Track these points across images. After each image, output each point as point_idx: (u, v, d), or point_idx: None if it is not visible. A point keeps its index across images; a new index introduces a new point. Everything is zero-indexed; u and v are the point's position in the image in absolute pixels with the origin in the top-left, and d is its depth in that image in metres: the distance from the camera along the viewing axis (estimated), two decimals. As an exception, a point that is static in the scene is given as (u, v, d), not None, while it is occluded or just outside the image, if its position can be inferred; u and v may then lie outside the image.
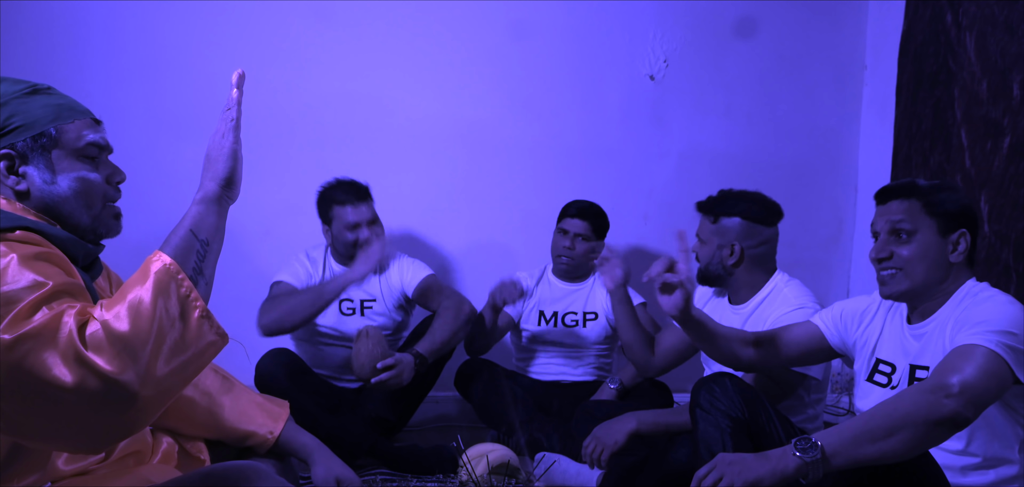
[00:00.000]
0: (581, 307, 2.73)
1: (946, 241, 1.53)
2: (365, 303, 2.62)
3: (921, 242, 1.53)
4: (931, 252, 1.53)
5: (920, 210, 1.54)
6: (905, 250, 1.54)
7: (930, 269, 1.53)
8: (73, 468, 1.22)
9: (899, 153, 2.97)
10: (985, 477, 1.49)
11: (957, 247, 1.53)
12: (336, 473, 1.63)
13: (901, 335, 1.62)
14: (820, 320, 1.77)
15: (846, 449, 1.32)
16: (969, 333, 1.39)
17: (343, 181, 2.58)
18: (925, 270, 1.53)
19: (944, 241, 1.53)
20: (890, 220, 1.57)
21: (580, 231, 2.66)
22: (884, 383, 1.62)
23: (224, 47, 2.87)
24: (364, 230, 2.51)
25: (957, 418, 1.30)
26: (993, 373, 1.34)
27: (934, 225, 1.53)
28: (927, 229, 1.53)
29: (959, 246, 1.53)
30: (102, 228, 1.19)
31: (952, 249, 1.53)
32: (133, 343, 0.93)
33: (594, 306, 2.72)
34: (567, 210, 2.69)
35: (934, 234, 1.53)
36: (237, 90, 1.13)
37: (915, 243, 1.54)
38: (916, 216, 1.54)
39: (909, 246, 1.54)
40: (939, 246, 1.53)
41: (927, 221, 1.53)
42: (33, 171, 1.12)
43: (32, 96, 1.14)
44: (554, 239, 2.72)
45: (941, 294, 1.55)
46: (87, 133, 1.17)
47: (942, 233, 1.53)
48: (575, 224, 2.66)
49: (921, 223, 1.54)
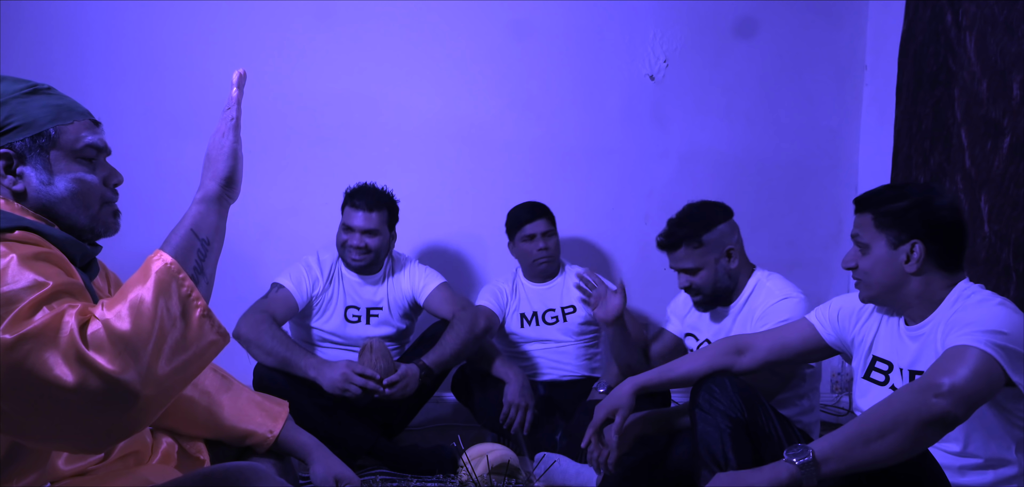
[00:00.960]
0: (558, 303, 2.74)
1: (897, 252, 1.55)
2: (371, 311, 2.61)
3: (874, 255, 1.57)
4: (882, 264, 1.56)
5: (870, 224, 1.58)
6: (863, 262, 1.59)
7: (886, 279, 1.56)
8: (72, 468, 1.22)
9: (899, 153, 2.97)
10: (984, 477, 1.49)
11: (911, 257, 1.54)
12: (335, 472, 1.63)
13: (899, 336, 1.62)
14: (815, 318, 1.77)
15: (839, 454, 1.32)
16: (960, 334, 1.40)
17: (359, 186, 2.56)
18: (880, 281, 1.57)
19: (894, 252, 1.55)
20: (853, 232, 1.62)
21: (545, 229, 2.70)
22: (881, 381, 1.63)
23: (224, 47, 2.87)
24: (356, 237, 2.50)
25: (947, 417, 1.31)
26: (984, 373, 1.34)
27: (884, 238, 1.56)
28: (878, 242, 1.57)
29: (913, 256, 1.53)
30: (100, 227, 1.19)
31: (905, 260, 1.54)
32: (134, 342, 0.93)
33: (570, 299, 2.73)
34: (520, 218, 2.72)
35: (885, 247, 1.56)
36: (237, 89, 1.13)
37: (869, 256, 1.58)
38: (867, 229, 1.59)
39: (865, 258, 1.59)
40: (890, 257, 1.55)
41: (877, 234, 1.57)
42: (30, 171, 1.12)
43: (32, 96, 1.14)
44: (521, 249, 2.73)
45: (927, 299, 1.55)
46: (86, 135, 1.16)
47: (892, 245, 1.55)
48: (539, 225, 2.70)
49: (872, 236, 1.58)
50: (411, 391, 2.32)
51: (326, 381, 2.25)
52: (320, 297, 2.55)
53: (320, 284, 2.55)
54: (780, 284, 2.13)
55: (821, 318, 1.76)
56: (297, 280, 2.51)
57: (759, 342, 1.79)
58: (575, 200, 3.07)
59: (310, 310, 2.57)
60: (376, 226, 2.51)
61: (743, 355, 1.78)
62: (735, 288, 2.18)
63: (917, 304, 1.57)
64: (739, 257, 2.17)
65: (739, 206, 3.10)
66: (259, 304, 2.43)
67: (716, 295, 2.17)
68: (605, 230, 3.19)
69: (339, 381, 2.24)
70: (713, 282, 2.15)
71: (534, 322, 2.74)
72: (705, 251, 2.14)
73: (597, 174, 3.16)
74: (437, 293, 2.59)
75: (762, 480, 1.32)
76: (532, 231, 2.69)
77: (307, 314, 2.58)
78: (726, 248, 2.15)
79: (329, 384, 2.25)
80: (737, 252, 2.17)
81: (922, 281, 1.55)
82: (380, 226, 2.52)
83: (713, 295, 2.17)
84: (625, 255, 3.22)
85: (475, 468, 2.10)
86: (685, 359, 1.82)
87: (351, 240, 2.50)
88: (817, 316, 1.77)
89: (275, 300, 2.45)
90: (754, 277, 2.19)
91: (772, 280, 2.16)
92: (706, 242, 2.14)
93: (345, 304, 2.58)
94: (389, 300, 2.62)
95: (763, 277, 2.18)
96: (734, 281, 2.18)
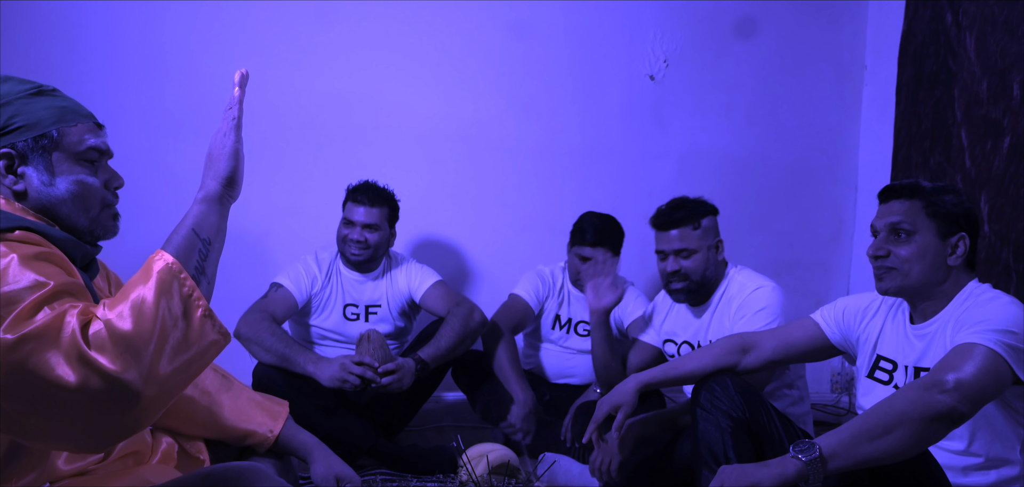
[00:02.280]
0: None
1: (945, 243, 1.54)
2: (370, 308, 2.61)
3: (920, 243, 1.54)
4: (929, 253, 1.54)
5: (921, 211, 1.55)
6: (903, 250, 1.56)
7: (927, 270, 1.54)
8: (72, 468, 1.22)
9: (899, 153, 2.97)
10: (986, 477, 1.49)
11: (956, 250, 1.54)
12: (336, 471, 1.62)
13: (904, 334, 1.62)
14: (820, 318, 1.77)
15: (845, 449, 1.32)
16: (969, 332, 1.40)
17: (360, 183, 2.57)
18: (922, 270, 1.54)
19: (943, 243, 1.54)
20: (890, 219, 1.58)
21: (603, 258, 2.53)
22: (885, 380, 1.63)
23: (224, 47, 2.87)
24: (356, 231, 2.51)
25: (953, 414, 1.31)
26: (991, 370, 1.34)
27: (934, 227, 1.54)
28: (927, 230, 1.54)
29: (958, 249, 1.54)
30: (100, 229, 1.19)
31: (950, 252, 1.54)
32: (136, 342, 0.93)
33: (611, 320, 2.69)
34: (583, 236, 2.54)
35: (933, 236, 1.54)
36: (239, 89, 1.13)
37: (913, 243, 1.55)
38: (916, 217, 1.56)
39: (908, 246, 1.55)
40: (938, 248, 1.54)
41: (927, 223, 1.55)
42: (32, 172, 1.12)
43: (36, 97, 1.14)
44: (572, 262, 2.61)
45: (941, 295, 1.56)
46: (89, 137, 1.16)
47: (941, 236, 1.54)
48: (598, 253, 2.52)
49: (921, 224, 1.55)
50: (407, 384, 2.32)
51: (324, 376, 2.26)
52: (319, 295, 2.56)
53: (318, 282, 2.56)
54: (751, 275, 2.18)
55: (826, 317, 1.76)
56: (296, 279, 2.52)
57: (764, 341, 1.79)
58: (575, 200, 3.06)
59: (309, 308, 2.57)
60: (376, 221, 2.52)
61: (748, 353, 1.78)
62: (716, 282, 2.21)
63: (934, 300, 1.56)
64: (722, 252, 2.23)
65: (739, 206, 3.13)
66: (259, 304, 2.45)
67: (701, 285, 2.18)
68: (605, 230, 3.19)
69: (337, 373, 2.25)
70: (703, 270, 2.17)
71: (567, 329, 2.70)
72: (701, 235, 2.17)
73: (597, 174, 3.16)
74: (433, 291, 2.59)
75: (768, 475, 1.32)
76: (589, 255, 2.53)
77: (306, 313, 2.58)
78: (716, 239, 2.21)
79: (327, 378, 2.26)
80: (722, 247, 2.23)
81: (953, 277, 1.55)
82: (380, 222, 2.53)
83: (699, 284, 2.18)
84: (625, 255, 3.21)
85: (475, 468, 2.10)
86: (690, 357, 1.82)
87: (351, 234, 2.51)
88: (822, 315, 1.77)
89: (274, 300, 2.46)
90: (728, 273, 2.23)
91: (743, 273, 2.20)
92: (703, 227, 2.17)
93: (344, 302, 2.58)
94: (387, 298, 2.62)
95: (735, 272, 2.22)
96: (718, 275, 2.21)
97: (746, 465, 1.37)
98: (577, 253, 2.58)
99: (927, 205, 1.55)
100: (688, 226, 2.16)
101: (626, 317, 2.63)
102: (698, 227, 2.16)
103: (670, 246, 2.18)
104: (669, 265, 2.19)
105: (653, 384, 1.79)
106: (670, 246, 2.18)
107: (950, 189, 1.58)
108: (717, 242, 2.20)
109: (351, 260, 2.55)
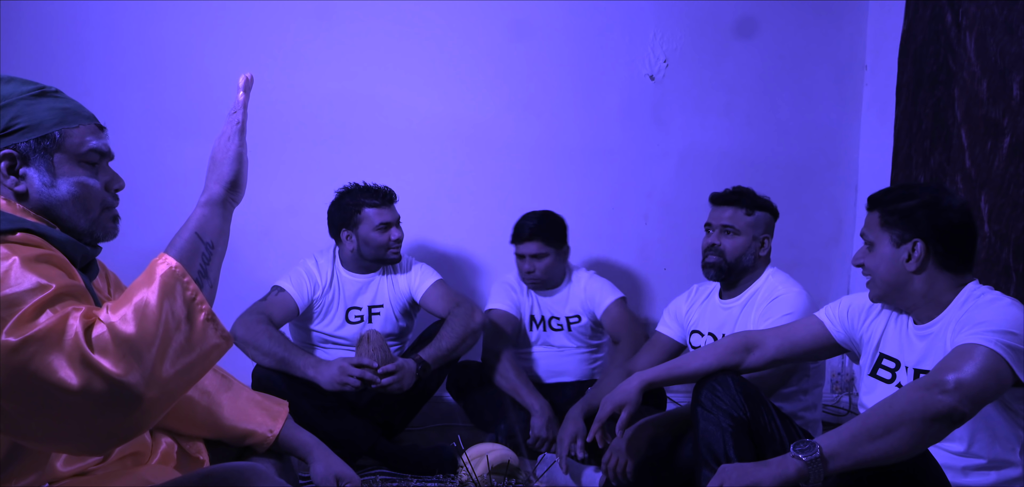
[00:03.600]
0: (562, 312, 2.72)
1: (899, 251, 1.56)
2: (372, 309, 2.61)
3: (878, 252, 1.60)
4: (886, 262, 1.59)
5: (876, 222, 1.61)
6: (869, 260, 1.62)
7: (889, 277, 1.59)
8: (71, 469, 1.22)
9: (899, 153, 2.97)
10: (986, 478, 1.49)
11: (911, 256, 1.55)
12: (335, 471, 1.63)
13: (907, 334, 1.63)
14: (825, 316, 1.77)
15: (845, 450, 1.32)
16: (970, 333, 1.40)
17: (368, 186, 2.57)
18: (884, 278, 1.60)
19: (897, 251, 1.57)
20: (864, 230, 1.65)
21: (535, 252, 2.62)
22: (888, 379, 1.63)
23: (224, 48, 2.87)
24: (396, 230, 2.54)
25: (953, 414, 1.31)
26: (992, 371, 1.34)
27: (888, 237, 1.58)
28: (882, 241, 1.59)
29: (914, 254, 1.55)
30: (99, 232, 1.19)
31: (907, 258, 1.56)
32: (139, 345, 0.93)
33: (574, 309, 2.72)
34: (515, 233, 2.65)
35: (888, 245, 1.58)
36: (243, 94, 1.13)
37: (875, 254, 1.61)
38: (874, 228, 1.61)
39: (871, 257, 1.62)
40: (892, 255, 1.58)
41: (882, 233, 1.59)
42: (33, 173, 1.12)
43: (39, 98, 1.14)
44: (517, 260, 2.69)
45: (934, 298, 1.56)
46: (90, 139, 1.16)
47: (895, 244, 1.57)
48: (527, 247, 2.62)
49: (878, 235, 1.60)
50: (407, 385, 2.32)
51: (324, 378, 2.26)
52: (321, 300, 2.56)
53: (320, 287, 2.55)
54: (784, 279, 2.22)
55: (830, 316, 1.77)
56: (298, 283, 2.52)
57: (768, 339, 1.79)
58: (575, 200, 3.07)
59: (310, 313, 2.57)
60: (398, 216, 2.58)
61: (752, 352, 1.78)
62: (752, 275, 2.25)
63: (923, 304, 1.57)
64: (768, 250, 2.26)
65: (739, 206, 3.13)
66: (256, 306, 2.44)
67: (734, 269, 2.23)
68: (605, 230, 3.19)
69: (336, 376, 2.25)
70: (741, 254, 2.21)
71: (543, 326, 2.73)
72: (752, 222, 2.23)
73: (597, 174, 3.16)
74: (433, 290, 2.59)
75: (769, 474, 1.32)
76: (522, 252, 2.65)
77: (307, 317, 2.58)
78: (765, 236, 2.25)
79: (327, 380, 2.25)
80: (768, 245, 2.26)
81: (925, 280, 1.56)
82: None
83: (731, 266, 2.22)
84: (625, 255, 3.23)
85: (475, 468, 2.10)
86: (694, 355, 1.82)
87: (392, 234, 2.54)
88: (827, 314, 1.78)
89: (274, 303, 2.45)
90: (766, 272, 2.26)
91: (777, 276, 2.23)
92: (756, 217, 2.23)
93: (346, 305, 2.58)
94: (389, 298, 2.62)
95: (772, 273, 2.25)
96: (755, 268, 2.24)
97: (746, 464, 1.37)
98: (515, 251, 2.67)
99: (882, 215, 1.60)
100: (742, 209, 2.23)
101: (598, 307, 2.67)
102: (751, 214, 2.23)
103: (719, 220, 2.25)
104: (712, 237, 2.25)
105: (657, 382, 1.79)
106: (719, 220, 2.25)
107: (910, 194, 1.59)
108: (764, 239, 2.24)
109: (390, 260, 2.57)
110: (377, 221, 2.51)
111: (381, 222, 2.51)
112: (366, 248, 2.53)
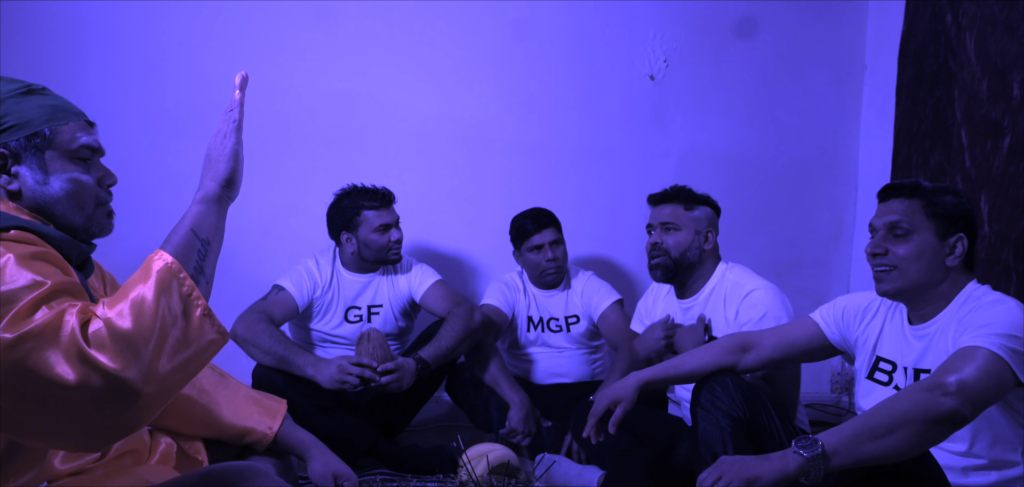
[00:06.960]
0: (562, 312, 2.72)
1: (944, 244, 1.54)
2: (372, 309, 2.61)
3: (918, 242, 1.54)
4: (927, 253, 1.54)
5: (920, 210, 1.55)
6: (901, 248, 1.55)
7: (925, 270, 1.54)
8: (69, 467, 1.22)
9: (899, 153, 2.97)
10: (987, 478, 1.49)
11: (954, 251, 1.54)
12: (334, 470, 1.63)
13: (903, 335, 1.62)
14: (820, 317, 1.77)
15: (846, 447, 1.32)
16: (972, 335, 1.40)
17: (366, 187, 2.57)
18: (919, 270, 1.54)
19: (941, 244, 1.54)
20: (889, 218, 1.58)
21: (553, 238, 2.65)
22: (885, 381, 1.63)
23: (223, 47, 2.87)
24: (396, 231, 2.54)
25: (955, 416, 1.31)
26: (993, 374, 1.34)
27: (933, 227, 1.54)
28: (925, 230, 1.54)
29: (956, 250, 1.54)
30: (94, 228, 1.19)
31: (949, 252, 1.54)
32: (136, 341, 0.93)
33: (573, 310, 2.72)
34: (526, 229, 2.64)
35: (932, 236, 1.54)
36: (240, 91, 1.13)
37: (911, 242, 1.54)
38: (915, 216, 1.55)
39: (906, 245, 1.55)
40: (936, 248, 1.54)
41: (926, 223, 1.55)
42: (25, 171, 1.12)
43: (27, 96, 1.14)
44: (529, 260, 2.67)
45: (940, 296, 1.56)
46: (80, 135, 1.17)
47: (940, 236, 1.54)
48: (546, 235, 2.64)
49: (920, 224, 1.55)
50: (407, 384, 2.32)
51: (323, 377, 2.26)
52: (321, 299, 2.56)
53: (321, 286, 2.55)
54: (746, 274, 2.18)
55: (825, 317, 1.76)
56: (298, 283, 2.52)
57: (764, 340, 1.79)
58: (575, 200, 3.07)
59: (310, 313, 2.57)
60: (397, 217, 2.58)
61: (748, 352, 1.78)
62: (700, 270, 2.22)
63: (933, 301, 1.56)
64: (713, 244, 2.23)
65: (739, 206, 3.13)
66: (257, 305, 2.44)
67: (679, 266, 2.20)
68: (605, 230, 3.19)
69: (336, 374, 2.25)
70: (685, 249, 2.19)
71: (541, 327, 2.73)
72: (693, 217, 2.20)
73: (597, 174, 3.16)
74: (433, 290, 2.59)
75: (770, 469, 1.32)
76: (540, 242, 2.64)
77: (307, 317, 2.58)
78: (708, 230, 2.22)
79: (326, 379, 2.25)
80: (714, 240, 2.23)
81: (950, 278, 1.55)
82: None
83: (677, 264, 2.20)
84: (625, 255, 3.22)
85: (475, 468, 2.10)
86: (690, 355, 1.81)
87: (393, 235, 2.54)
88: (821, 315, 1.77)
89: (274, 302, 2.45)
90: (719, 268, 2.23)
91: (736, 271, 2.20)
92: (697, 211, 2.21)
93: (346, 305, 2.58)
94: (389, 298, 2.62)
95: (727, 269, 2.22)
96: (700, 263, 2.21)
97: (747, 458, 1.37)
98: (532, 247, 2.65)
99: (926, 205, 1.55)
100: (680, 205, 2.20)
101: (594, 311, 2.67)
102: (691, 209, 2.20)
103: (659, 219, 2.23)
104: (654, 237, 2.23)
105: (654, 382, 1.78)
106: (659, 219, 2.23)
107: (950, 190, 1.57)
108: (708, 233, 2.21)
109: (391, 261, 2.57)
110: (377, 223, 2.51)
111: (381, 224, 2.51)
112: (367, 250, 2.53)
